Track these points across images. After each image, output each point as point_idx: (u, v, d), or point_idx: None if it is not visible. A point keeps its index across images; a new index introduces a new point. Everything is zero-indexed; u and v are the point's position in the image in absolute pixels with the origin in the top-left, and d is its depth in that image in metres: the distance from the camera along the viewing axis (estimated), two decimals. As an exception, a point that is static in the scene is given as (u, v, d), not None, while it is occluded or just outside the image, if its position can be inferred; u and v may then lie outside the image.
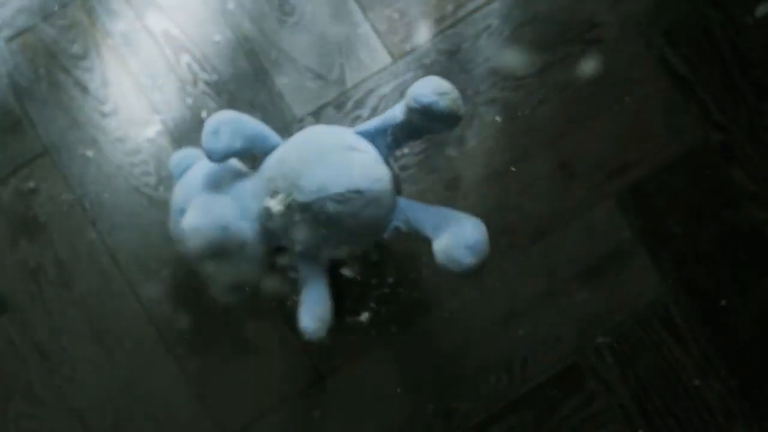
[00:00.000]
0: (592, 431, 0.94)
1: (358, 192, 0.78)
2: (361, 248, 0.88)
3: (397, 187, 0.86)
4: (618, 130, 0.97)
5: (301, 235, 0.82)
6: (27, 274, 0.95)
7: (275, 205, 0.80)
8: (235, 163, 0.88)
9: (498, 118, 0.97)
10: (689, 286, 0.96)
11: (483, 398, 0.94)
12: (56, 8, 0.98)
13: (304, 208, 0.79)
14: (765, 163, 0.97)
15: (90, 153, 0.96)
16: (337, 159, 0.80)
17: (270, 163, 0.84)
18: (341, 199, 0.78)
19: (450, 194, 0.96)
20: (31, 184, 0.96)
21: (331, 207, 0.78)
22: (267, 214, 0.81)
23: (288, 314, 0.94)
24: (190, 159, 0.89)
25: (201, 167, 0.87)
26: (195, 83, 0.97)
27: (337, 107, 0.97)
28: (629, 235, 0.96)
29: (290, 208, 0.80)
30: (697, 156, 0.97)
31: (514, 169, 0.96)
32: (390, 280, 0.95)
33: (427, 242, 0.82)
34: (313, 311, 0.84)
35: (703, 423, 0.94)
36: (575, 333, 0.95)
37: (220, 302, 0.89)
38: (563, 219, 0.96)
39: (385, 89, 0.96)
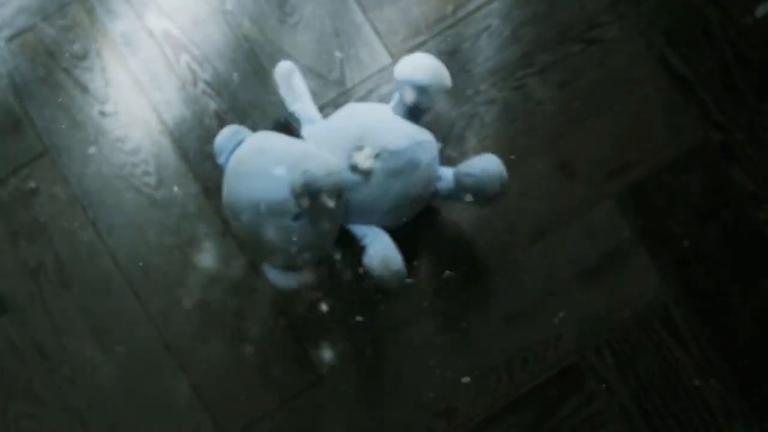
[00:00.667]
0: (592, 431, 0.94)
1: (431, 143, 0.88)
2: (417, 210, 0.90)
3: None
4: (618, 130, 0.97)
5: (383, 190, 0.85)
6: (27, 274, 0.95)
7: (364, 158, 0.84)
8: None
9: (498, 118, 0.97)
10: (689, 286, 0.96)
11: (483, 398, 0.94)
12: (56, 8, 0.98)
13: (397, 156, 0.84)
14: (765, 163, 0.97)
15: (90, 153, 0.96)
16: (400, 119, 0.88)
17: (329, 128, 0.88)
18: (426, 147, 0.87)
19: (450, 194, 0.95)
20: (31, 184, 0.96)
21: (418, 155, 0.85)
22: (354, 170, 0.84)
23: (288, 314, 0.94)
24: (239, 135, 0.86)
25: (260, 137, 0.86)
26: (195, 83, 0.97)
27: (337, 107, 0.96)
28: (629, 235, 0.96)
29: (378, 159, 0.84)
30: (697, 156, 0.97)
31: (513, 157, 0.96)
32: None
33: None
34: (390, 256, 0.85)
35: (703, 423, 0.94)
36: (575, 333, 0.95)
37: (282, 284, 0.87)
38: (563, 219, 0.96)
39: (385, 89, 0.96)
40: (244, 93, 0.97)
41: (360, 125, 0.86)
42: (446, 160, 0.96)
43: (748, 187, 0.97)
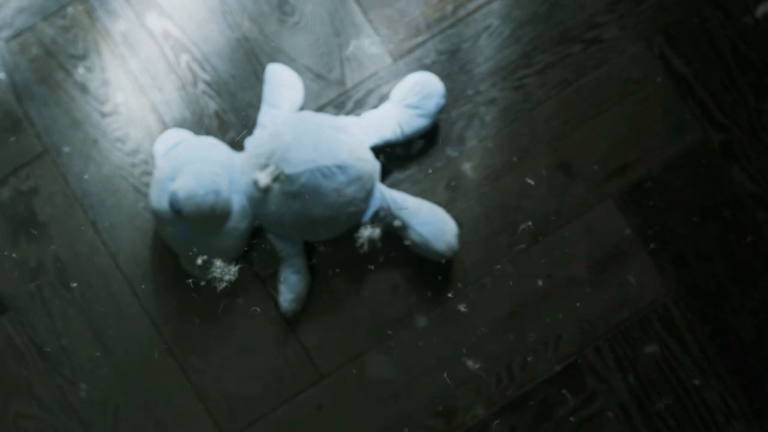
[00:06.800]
0: (592, 431, 0.94)
1: (342, 168, 0.84)
2: (340, 229, 0.90)
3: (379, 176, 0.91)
4: (618, 130, 0.97)
5: (283, 210, 0.85)
6: (27, 274, 0.95)
7: (264, 177, 0.85)
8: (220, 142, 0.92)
9: (498, 118, 0.97)
10: (689, 286, 0.96)
11: (483, 398, 0.94)
12: (56, 8, 0.98)
13: (291, 180, 0.83)
14: (765, 163, 0.97)
15: (90, 153, 0.96)
16: (327, 137, 0.86)
17: (260, 140, 0.88)
18: (327, 172, 0.84)
19: (450, 194, 0.96)
20: (31, 184, 0.96)
21: (316, 180, 0.83)
22: (255, 186, 0.85)
23: (287, 314, 0.94)
24: (176, 139, 0.92)
25: (189, 143, 0.90)
26: (195, 83, 0.97)
27: (337, 107, 0.97)
28: (629, 234, 0.96)
29: (278, 180, 0.84)
30: (697, 156, 0.97)
31: (515, 158, 0.96)
32: (390, 283, 0.95)
33: (400, 231, 0.82)
34: (290, 288, 0.91)
35: (703, 423, 0.94)
36: (575, 333, 0.95)
37: (191, 275, 0.92)
38: (563, 219, 0.96)
39: (385, 89, 0.96)
40: (243, 93, 0.97)
41: (280, 140, 0.86)
42: (446, 160, 0.96)
43: (748, 187, 0.97)
